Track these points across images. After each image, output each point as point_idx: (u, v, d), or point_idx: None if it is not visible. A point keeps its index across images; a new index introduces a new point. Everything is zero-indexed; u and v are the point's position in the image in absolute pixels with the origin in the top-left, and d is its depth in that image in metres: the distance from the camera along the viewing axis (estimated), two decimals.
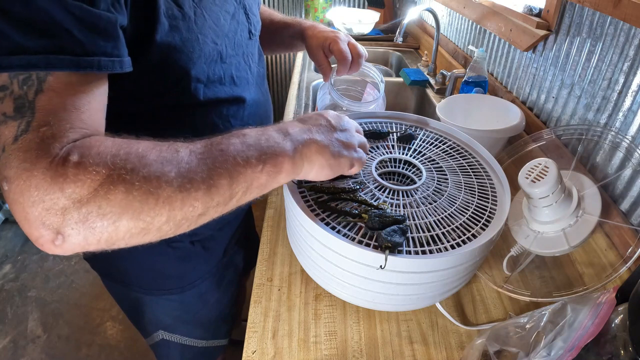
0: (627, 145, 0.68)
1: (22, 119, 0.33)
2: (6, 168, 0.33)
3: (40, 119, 0.34)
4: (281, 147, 0.42)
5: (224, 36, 0.56)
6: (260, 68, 0.69)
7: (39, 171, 0.32)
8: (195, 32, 0.50)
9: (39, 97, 0.34)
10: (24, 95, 0.34)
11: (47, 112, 0.34)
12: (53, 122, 0.34)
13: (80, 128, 0.36)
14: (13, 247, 1.98)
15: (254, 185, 0.41)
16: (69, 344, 1.55)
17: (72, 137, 0.35)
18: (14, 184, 0.32)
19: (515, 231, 0.68)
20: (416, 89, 1.41)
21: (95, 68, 0.37)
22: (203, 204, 0.38)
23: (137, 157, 0.35)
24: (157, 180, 0.35)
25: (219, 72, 0.56)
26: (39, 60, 0.33)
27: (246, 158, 0.40)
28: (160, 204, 0.35)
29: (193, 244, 0.68)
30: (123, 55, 0.40)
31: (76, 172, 0.33)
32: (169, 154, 0.37)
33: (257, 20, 0.67)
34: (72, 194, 0.33)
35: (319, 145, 0.45)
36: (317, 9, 2.06)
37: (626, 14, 0.65)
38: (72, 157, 0.33)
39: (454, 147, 0.68)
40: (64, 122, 0.35)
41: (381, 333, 0.57)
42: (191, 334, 0.81)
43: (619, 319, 0.43)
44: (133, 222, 0.35)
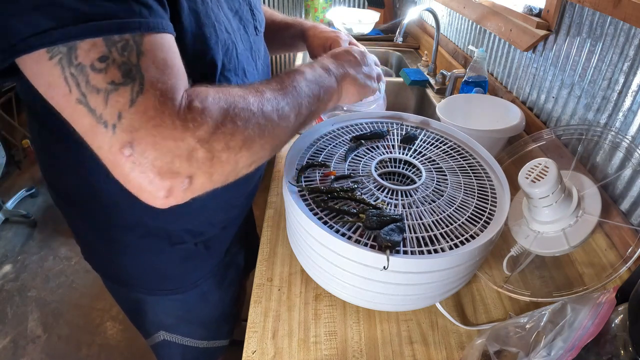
0: (627, 145, 0.68)
1: (134, 82, 0.34)
2: (128, 133, 0.34)
3: (151, 77, 0.35)
4: (330, 82, 0.54)
5: (233, 30, 0.56)
6: (265, 64, 0.69)
7: (167, 122, 0.34)
8: (212, 19, 0.50)
9: (143, 59, 0.35)
10: (127, 61, 0.34)
11: (155, 70, 0.36)
12: (163, 78, 0.36)
13: (182, 79, 0.38)
14: (13, 247, 1.98)
15: (318, 111, 0.53)
16: (69, 344, 1.55)
17: (182, 87, 0.37)
18: (141, 144, 0.34)
19: (515, 231, 0.68)
20: (416, 89, 1.41)
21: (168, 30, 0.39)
22: (292, 129, 0.47)
23: (241, 99, 0.41)
24: (262, 114, 0.41)
25: (234, 62, 0.57)
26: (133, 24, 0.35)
27: (312, 92, 0.50)
28: (268, 132, 0.42)
29: (196, 245, 0.68)
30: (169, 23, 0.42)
31: (202, 115, 0.36)
32: (259, 95, 0.43)
33: (262, 17, 0.68)
34: (202, 135, 0.36)
35: (352, 78, 0.58)
36: (317, 9, 2.05)
37: (626, 14, 0.65)
38: (195, 103, 0.36)
39: (454, 147, 0.68)
40: (172, 76, 0.37)
41: (381, 333, 0.57)
42: (192, 334, 0.81)
43: (619, 319, 0.42)
44: (249, 152, 0.40)
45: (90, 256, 0.71)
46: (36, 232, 2.07)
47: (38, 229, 2.09)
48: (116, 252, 0.66)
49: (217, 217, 0.69)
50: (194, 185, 0.38)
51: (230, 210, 0.71)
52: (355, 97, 0.60)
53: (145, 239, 0.64)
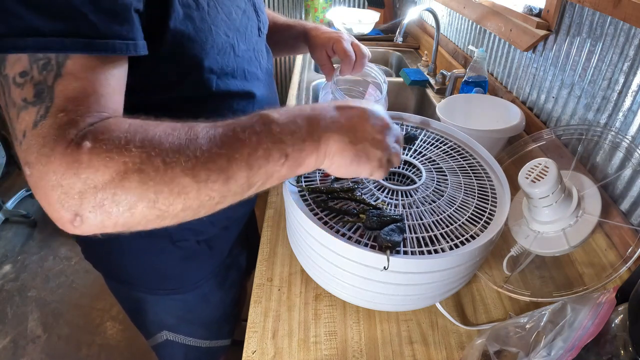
0: (627, 145, 0.68)
1: (42, 105, 0.34)
2: (28, 153, 0.33)
3: (58, 104, 0.34)
4: (307, 143, 0.41)
5: (236, 30, 0.56)
6: (268, 65, 0.69)
7: (56, 156, 0.33)
8: (208, 23, 0.50)
9: (58, 82, 0.34)
10: (43, 81, 0.34)
11: (65, 97, 0.34)
12: (70, 107, 0.34)
13: (98, 112, 0.36)
14: (13, 247, 1.98)
15: (274, 177, 0.41)
16: (69, 344, 1.55)
17: (88, 122, 0.35)
18: (34, 169, 0.33)
19: (515, 231, 0.68)
20: (416, 89, 1.41)
21: (109, 51, 0.37)
22: (220, 194, 0.38)
23: (153, 144, 0.35)
24: (172, 170, 0.35)
25: (232, 65, 0.57)
26: (53, 43, 0.34)
27: (268, 151, 0.39)
28: (176, 194, 0.35)
29: (199, 244, 0.68)
30: (138, 39, 0.40)
31: (90, 159, 0.33)
32: (186, 141, 0.36)
33: (265, 18, 0.68)
34: (87, 180, 0.33)
35: (344, 147, 0.43)
36: (317, 9, 2.05)
37: (626, 14, 0.65)
38: (86, 143, 0.33)
39: (454, 147, 0.68)
40: (81, 107, 0.35)
41: (381, 333, 0.57)
42: (195, 334, 0.81)
43: (619, 319, 0.43)
44: (148, 210, 0.35)
45: (91, 255, 0.71)
46: (36, 232, 2.07)
47: (38, 229, 2.09)
48: (117, 251, 0.66)
49: (218, 217, 0.69)
50: (87, 226, 0.35)
51: (233, 211, 0.71)
52: (342, 172, 0.44)
53: (146, 237, 0.64)
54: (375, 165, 0.45)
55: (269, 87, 0.69)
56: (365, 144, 0.43)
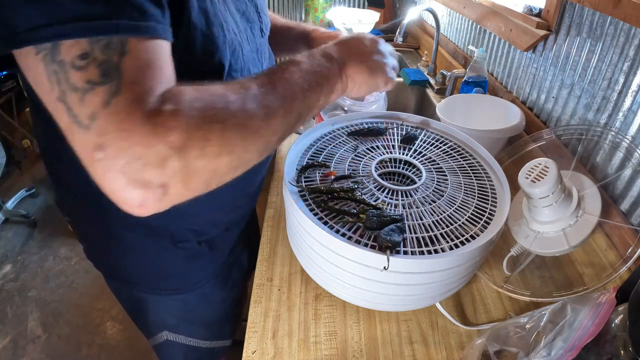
0: (627, 145, 0.68)
1: (111, 83, 0.33)
2: (99, 135, 0.33)
3: (128, 78, 0.34)
4: (331, 71, 0.50)
5: (239, 31, 0.56)
6: (270, 66, 0.69)
7: (137, 126, 0.33)
8: (220, 19, 0.50)
9: (124, 59, 0.34)
10: (108, 60, 0.34)
11: (133, 71, 0.34)
12: (141, 79, 0.35)
13: (164, 82, 0.37)
14: (13, 247, 1.98)
15: (316, 105, 0.48)
16: (69, 344, 1.55)
17: (160, 90, 0.36)
18: (111, 149, 0.32)
19: (515, 231, 0.68)
20: (416, 89, 1.41)
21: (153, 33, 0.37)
22: (282, 128, 0.43)
23: (221, 98, 0.38)
24: (244, 114, 0.38)
25: (240, 63, 0.57)
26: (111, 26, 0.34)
27: (308, 84, 0.46)
28: (252, 134, 0.39)
29: (200, 244, 0.68)
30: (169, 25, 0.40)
31: (174, 119, 0.34)
32: (243, 92, 0.40)
33: (267, 20, 0.68)
34: (173, 142, 0.33)
35: (358, 65, 0.52)
36: (317, 9, 2.05)
37: (626, 14, 0.65)
38: (166, 107, 0.34)
39: (454, 147, 0.68)
40: (150, 79, 0.35)
41: (381, 333, 0.57)
42: (195, 334, 0.81)
43: (619, 319, 0.43)
44: (229, 157, 0.37)
45: (92, 254, 0.71)
46: (36, 232, 2.07)
47: (38, 229, 2.09)
48: (119, 251, 0.66)
49: (220, 218, 0.69)
50: (170, 195, 0.35)
51: (232, 211, 0.71)
52: (365, 88, 0.54)
53: (148, 237, 0.64)
54: (385, 72, 0.55)
55: None
56: (370, 58, 0.54)
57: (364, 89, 0.54)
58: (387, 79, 0.55)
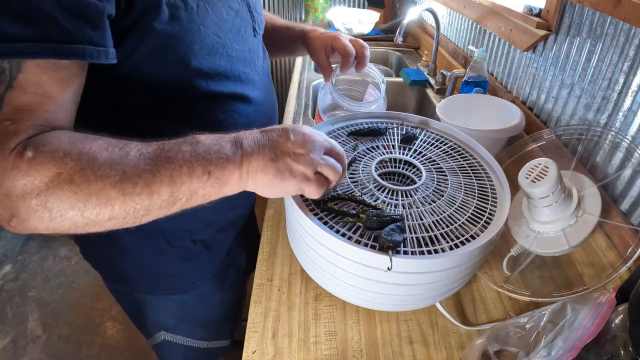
0: (627, 145, 0.68)
1: None
2: None
3: (5, 113, 0.36)
4: (230, 161, 0.42)
5: (227, 31, 0.56)
6: (265, 66, 0.69)
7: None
8: (197, 23, 0.50)
9: (8, 93, 0.37)
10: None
11: (12, 108, 0.37)
12: (16, 117, 0.37)
13: (41, 126, 0.38)
14: (13, 247, 1.98)
15: (198, 194, 0.42)
16: (69, 344, 1.55)
17: (30, 133, 0.37)
18: None
19: (515, 231, 0.68)
20: (416, 89, 1.41)
21: (79, 56, 0.38)
22: (144, 207, 0.40)
23: (87, 158, 0.38)
24: (101, 182, 0.38)
25: (225, 66, 0.56)
26: (24, 47, 0.35)
27: (192, 168, 0.41)
28: (102, 204, 0.38)
29: (194, 243, 0.68)
30: (108, 46, 0.41)
31: (28, 168, 0.36)
32: (118, 156, 0.39)
33: (261, 19, 0.68)
34: (24, 186, 0.36)
35: (265, 164, 0.43)
36: (317, 9, 2.06)
37: (626, 14, 0.65)
38: (26, 153, 0.36)
39: (454, 147, 0.68)
40: (26, 120, 0.37)
41: (381, 333, 0.57)
42: (193, 334, 0.81)
43: (619, 319, 0.43)
44: (77, 217, 0.38)
45: (89, 255, 0.71)
46: None
47: None
48: (115, 252, 0.66)
49: (214, 219, 0.69)
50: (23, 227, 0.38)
51: (227, 212, 0.71)
52: (268, 191, 0.45)
53: (143, 238, 0.64)
54: (300, 179, 0.44)
55: (266, 87, 0.68)
56: (286, 159, 0.44)
57: (267, 191, 0.45)
58: (301, 184, 0.45)
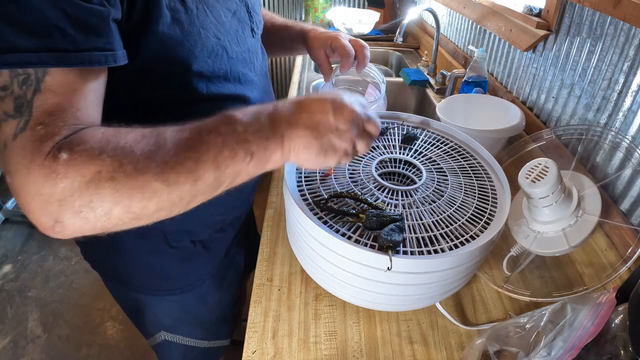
0: (627, 145, 0.68)
1: (21, 118, 0.35)
2: (8, 163, 0.35)
3: (36, 118, 0.36)
4: (271, 141, 0.41)
5: (226, 32, 0.56)
6: (263, 66, 0.69)
7: (35, 168, 0.35)
8: (197, 26, 0.50)
9: (37, 97, 0.36)
10: (23, 95, 0.36)
11: (43, 111, 0.36)
12: (48, 121, 0.36)
13: (74, 125, 0.38)
14: (13, 247, 1.98)
15: (242, 174, 0.42)
16: (69, 344, 1.55)
17: (64, 134, 0.37)
18: (15, 178, 0.35)
19: (515, 231, 0.68)
20: (416, 89, 1.41)
21: (87, 63, 0.38)
22: (190, 194, 0.40)
23: (124, 153, 0.37)
24: (143, 176, 0.37)
25: (225, 68, 0.56)
26: (32, 58, 0.35)
27: (234, 151, 0.40)
28: (148, 197, 0.37)
29: (194, 244, 0.68)
30: (116, 49, 0.41)
31: (66, 169, 0.35)
32: (155, 146, 0.38)
33: (260, 19, 0.68)
34: (64, 189, 0.35)
35: (309, 142, 0.42)
36: (317, 9, 2.06)
37: (626, 14, 0.65)
38: (62, 154, 0.35)
39: (454, 147, 0.68)
40: (58, 121, 0.37)
41: (381, 333, 0.57)
42: (193, 334, 0.81)
43: (619, 319, 0.43)
44: (123, 214, 0.37)
45: (89, 255, 0.71)
46: (36, 232, 2.07)
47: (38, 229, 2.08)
48: (114, 252, 0.66)
49: (213, 219, 0.69)
50: (68, 230, 0.37)
51: (226, 212, 0.71)
52: (308, 165, 0.45)
53: (142, 238, 0.64)
54: (341, 155, 0.45)
55: (264, 88, 0.68)
56: (330, 136, 0.43)
57: (309, 165, 0.45)
58: (340, 159, 0.45)
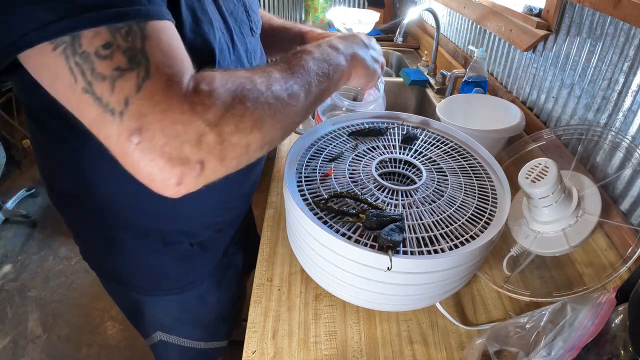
0: (627, 145, 0.68)
1: (139, 67, 0.34)
2: (136, 119, 0.33)
3: (157, 61, 0.35)
4: (339, 61, 0.54)
5: (228, 30, 0.56)
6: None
7: (175, 106, 0.34)
8: (209, 16, 0.51)
9: (147, 44, 0.35)
10: (132, 46, 0.34)
11: (160, 54, 0.35)
12: (169, 61, 0.35)
13: (188, 64, 0.38)
14: (13, 247, 1.98)
15: (330, 90, 0.52)
16: (69, 344, 1.55)
17: (189, 72, 0.37)
18: (149, 130, 0.33)
19: (515, 231, 0.68)
20: (416, 89, 1.41)
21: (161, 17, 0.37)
22: (303, 109, 0.46)
23: (248, 80, 0.39)
24: (271, 94, 0.40)
25: (227, 62, 0.57)
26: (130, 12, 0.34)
27: (321, 70, 0.49)
28: (279, 112, 0.41)
29: (192, 246, 0.68)
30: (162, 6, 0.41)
31: (210, 98, 0.35)
32: (267, 76, 0.42)
33: (258, 18, 0.68)
34: (210, 118, 0.35)
35: (361, 59, 0.58)
36: (317, 9, 2.06)
37: (626, 14, 0.65)
38: (202, 86, 0.36)
39: (454, 147, 0.68)
40: (178, 60, 0.36)
41: (381, 333, 0.57)
42: (190, 335, 0.81)
43: (619, 319, 0.43)
44: (260, 133, 0.39)
45: (87, 255, 0.71)
46: (36, 232, 2.07)
47: (38, 229, 2.09)
48: (112, 252, 0.66)
49: (212, 220, 0.69)
50: (206, 171, 0.37)
51: (225, 213, 0.71)
52: (364, 80, 0.60)
53: (140, 239, 0.64)
54: (378, 68, 0.63)
55: None
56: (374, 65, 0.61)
57: (361, 81, 0.59)
58: (379, 74, 0.63)
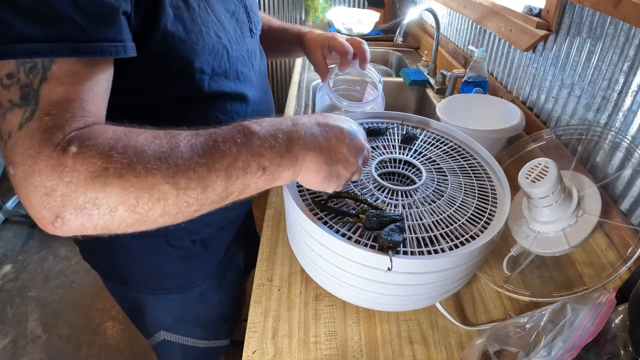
0: (627, 145, 0.68)
1: (27, 107, 0.34)
2: (13, 153, 0.34)
3: (43, 107, 0.35)
4: (285, 159, 0.42)
5: (226, 32, 0.56)
6: (262, 66, 0.69)
7: (41, 159, 0.34)
8: (199, 24, 0.51)
9: (44, 86, 0.35)
10: (29, 84, 0.35)
11: (50, 101, 0.35)
12: (56, 111, 0.35)
13: (82, 117, 0.37)
14: (13, 247, 1.98)
15: (250, 188, 0.42)
16: (69, 344, 1.55)
17: (74, 127, 0.36)
18: (19, 169, 0.34)
19: (515, 231, 0.68)
20: (416, 89, 1.41)
21: (97, 54, 0.38)
22: (197, 202, 0.39)
23: (135, 152, 0.36)
24: (152, 177, 0.36)
25: (225, 65, 0.57)
26: (42, 48, 0.34)
27: (247, 163, 0.40)
28: (155, 199, 0.36)
29: (194, 243, 0.68)
30: (126, 41, 0.40)
31: (74, 163, 0.34)
32: (168, 148, 0.37)
33: (258, 19, 0.68)
34: (70, 183, 0.34)
35: (320, 166, 0.44)
36: (317, 9, 2.06)
37: (626, 14, 0.65)
38: (71, 148, 0.34)
39: (454, 147, 0.68)
40: (66, 112, 0.36)
41: (381, 333, 0.57)
42: (192, 334, 0.81)
43: (619, 319, 0.43)
44: (128, 214, 0.36)
45: (88, 255, 0.71)
46: (36, 232, 2.07)
47: (38, 229, 2.07)
48: (114, 251, 0.66)
49: (214, 218, 0.69)
50: (68, 227, 0.35)
51: (226, 211, 0.71)
52: (312, 186, 0.47)
53: (142, 237, 0.63)
54: (341, 182, 0.47)
55: (263, 88, 0.69)
56: (339, 165, 0.46)
57: (312, 186, 0.47)
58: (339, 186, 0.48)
